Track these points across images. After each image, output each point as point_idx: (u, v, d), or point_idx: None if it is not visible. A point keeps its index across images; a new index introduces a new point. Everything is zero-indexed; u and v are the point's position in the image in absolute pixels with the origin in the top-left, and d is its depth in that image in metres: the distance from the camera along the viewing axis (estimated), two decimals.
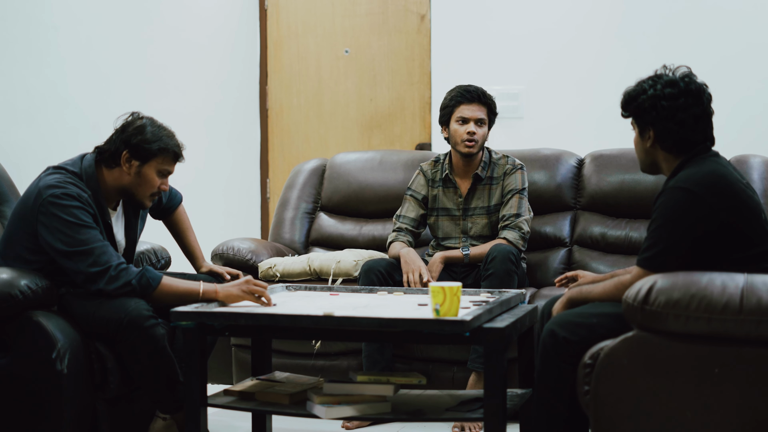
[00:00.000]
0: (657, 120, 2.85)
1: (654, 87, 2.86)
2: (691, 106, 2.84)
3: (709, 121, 2.89)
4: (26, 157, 3.42)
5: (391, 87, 5.86)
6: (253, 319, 2.94)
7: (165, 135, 3.33)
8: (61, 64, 4.32)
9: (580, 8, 5.36)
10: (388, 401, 2.96)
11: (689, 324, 2.28)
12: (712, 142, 2.93)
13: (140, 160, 3.30)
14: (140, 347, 3.18)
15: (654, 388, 2.35)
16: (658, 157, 2.92)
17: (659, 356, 2.34)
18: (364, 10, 5.89)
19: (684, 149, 2.87)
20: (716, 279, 2.32)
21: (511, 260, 3.83)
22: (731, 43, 5.14)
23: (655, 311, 2.33)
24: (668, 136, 2.85)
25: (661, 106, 2.84)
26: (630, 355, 2.39)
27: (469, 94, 4.13)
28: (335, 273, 4.29)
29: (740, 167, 4.35)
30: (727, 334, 2.25)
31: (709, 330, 2.26)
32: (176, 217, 3.75)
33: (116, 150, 3.31)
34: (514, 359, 3.52)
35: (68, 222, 3.18)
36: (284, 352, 4.26)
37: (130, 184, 3.33)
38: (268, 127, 6.08)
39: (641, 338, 2.38)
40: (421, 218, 4.25)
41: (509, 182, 4.15)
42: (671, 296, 2.32)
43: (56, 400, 3.12)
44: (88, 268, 3.17)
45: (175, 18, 5.42)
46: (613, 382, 2.42)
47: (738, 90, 5.09)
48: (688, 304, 2.29)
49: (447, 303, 2.78)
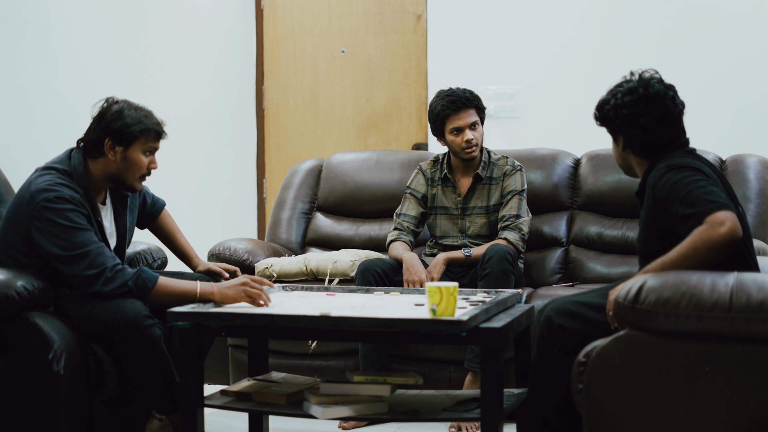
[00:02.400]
0: (621, 127, 2.95)
1: (615, 96, 2.96)
2: (652, 110, 2.90)
3: (674, 122, 2.93)
4: (21, 158, 3.41)
5: (387, 87, 5.86)
6: (249, 319, 2.94)
7: (143, 116, 3.31)
8: (56, 64, 4.32)
9: (578, 8, 5.37)
10: (384, 401, 2.96)
11: (679, 322, 2.30)
12: (683, 140, 2.97)
13: (124, 145, 3.28)
14: (137, 348, 3.18)
15: (645, 386, 2.36)
16: (632, 161, 3.01)
17: (650, 354, 2.36)
18: (361, 10, 5.89)
19: (653, 152, 2.94)
20: (706, 278, 2.34)
21: (508, 260, 3.83)
22: (730, 44, 5.14)
23: (645, 310, 2.34)
24: (635, 142, 2.94)
25: (623, 115, 2.93)
26: (621, 354, 2.40)
27: (454, 105, 4.06)
28: (332, 273, 4.29)
29: (736, 167, 4.37)
30: (717, 332, 2.27)
31: (699, 328, 2.28)
32: (161, 222, 3.72)
33: (98, 139, 3.28)
34: (511, 359, 3.52)
35: (63, 226, 3.17)
36: (281, 352, 4.26)
37: (118, 170, 3.31)
38: (265, 127, 6.08)
39: (632, 337, 2.40)
40: (421, 216, 4.25)
41: (509, 183, 4.15)
42: (661, 295, 2.33)
43: (53, 401, 3.11)
44: (83, 271, 3.16)
45: (170, 18, 5.41)
46: (605, 380, 2.44)
47: (737, 90, 5.10)
48: (678, 303, 2.30)
49: (444, 303, 2.78)
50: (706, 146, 4.56)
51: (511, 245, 4.01)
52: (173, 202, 5.27)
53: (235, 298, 3.13)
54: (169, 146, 5.36)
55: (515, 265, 3.89)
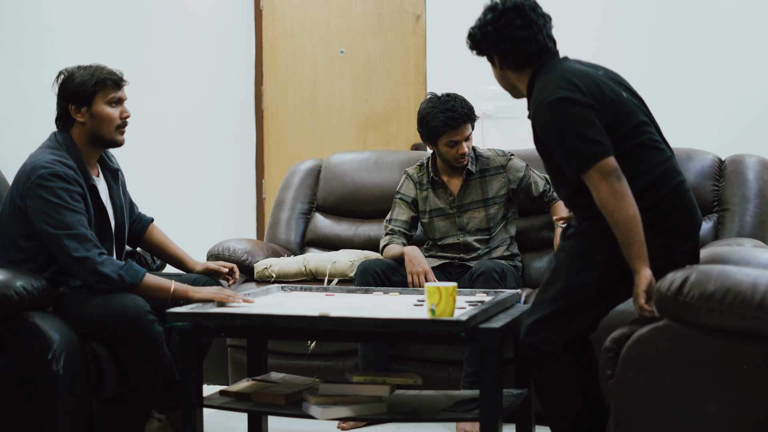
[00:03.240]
0: (492, 45, 3.00)
1: (479, 19, 3.03)
2: (514, 20, 2.96)
3: (540, 30, 2.98)
4: (20, 159, 3.42)
5: (386, 87, 5.87)
6: (248, 319, 2.94)
7: (95, 71, 3.38)
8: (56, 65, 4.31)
9: (576, 8, 5.37)
10: (383, 402, 2.96)
11: (722, 318, 2.26)
12: (554, 50, 3.02)
13: (86, 104, 3.35)
14: (138, 344, 3.19)
15: (680, 379, 2.33)
16: (512, 79, 3.05)
17: (688, 348, 2.32)
18: (360, 11, 5.89)
19: (527, 62, 2.99)
20: (751, 274, 2.29)
21: (494, 278, 3.83)
22: (728, 42, 5.14)
23: (688, 303, 2.31)
24: (507, 56, 2.99)
25: (489, 32, 2.99)
26: (658, 345, 2.37)
27: (455, 122, 4.02)
28: (331, 273, 4.29)
29: (735, 167, 4.36)
30: (758, 332, 2.23)
31: (741, 326, 2.24)
32: (150, 235, 3.72)
33: (63, 110, 3.36)
34: (511, 359, 3.52)
35: (53, 203, 3.20)
36: (280, 352, 4.26)
37: (93, 129, 3.36)
38: (264, 128, 6.08)
39: (671, 329, 2.36)
40: (412, 221, 4.25)
41: (514, 172, 4.20)
42: (705, 289, 2.30)
43: (52, 401, 3.11)
44: (72, 252, 3.19)
45: (169, 19, 5.41)
46: (638, 369, 2.40)
47: (735, 90, 5.10)
48: (723, 299, 2.26)
49: (443, 303, 2.78)
50: (704, 145, 4.58)
51: None
52: (172, 203, 5.29)
53: (207, 297, 3.20)
54: (169, 147, 5.38)
55: (503, 283, 3.87)
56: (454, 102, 4.06)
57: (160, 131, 5.23)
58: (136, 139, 4.18)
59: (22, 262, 3.28)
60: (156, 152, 5.18)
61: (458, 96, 4.11)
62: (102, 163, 3.50)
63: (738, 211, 4.27)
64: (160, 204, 4.92)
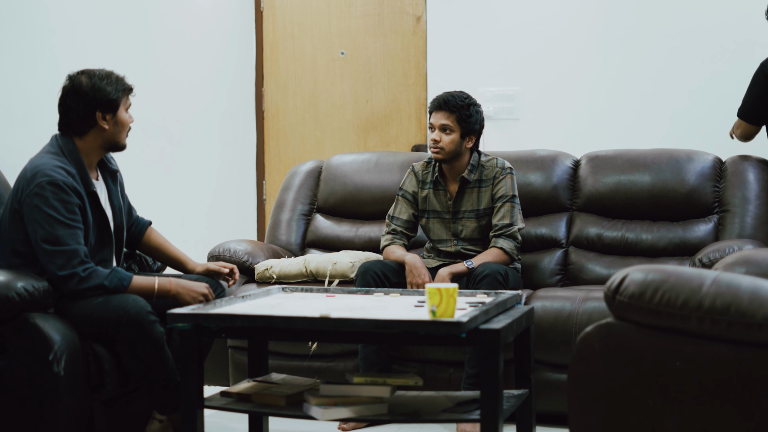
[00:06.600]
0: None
1: None
2: None
3: None
4: (21, 160, 3.43)
5: (386, 89, 5.87)
6: (249, 320, 2.94)
7: (115, 79, 3.44)
8: (57, 66, 4.31)
9: (575, 9, 5.37)
10: (384, 402, 2.97)
11: (651, 317, 2.34)
12: None
13: (112, 111, 3.40)
14: (139, 345, 3.19)
15: (621, 374, 2.41)
16: None
17: (628, 344, 2.40)
18: (360, 12, 5.89)
19: None
20: (685, 274, 2.37)
21: (499, 281, 3.83)
22: (728, 42, 5.15)
23: (623, 301, 2.39)
24: None
25: None
26: (601, 341, 2.45)
27: (434, 103, 4.14)
28: (331, 274, 4.29)
29: (736, 168, 4.37)
30: (686, 331, 2.30)
31: (670, 325, 2.32)
32: (149, 238, 3.73)
33: (86, 115, 3.38)
34: (511, 360, 3.52)
35: (48, 215, 3.22)
36: (281, 353, 4.26)
37: (113, 135, 3.42)
38: (264, 129, 6.08)
39: (613, 326, 2.45)
40: (414, 219, 4.25)
41: (499, 188, 4.14)
42: (638, 288, 2.37)
43: (53, 402, 3.12)
44: (57, 270, 3.21)
45: (170, 21, 5.42)
46: (586, 365, 2.48)
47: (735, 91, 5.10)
48: (651, 298, 2.34)
49: (443, 304, 2.79)
50: (704, 146, 4.58)
51: (507, 254, 4.03)
52: (172, 204, 5.29)
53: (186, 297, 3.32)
54: (169, 148, 5.38)
55: (506, 285, 3.87)
56: (449, 91, 4.16)
57: (160, 133, 5.24)
58: (137, 141, 4.18)
59: (20, 267, 3.28)
60: (156, 154, 5.18)
61: (463, 92, 4.16)
62: (101, 165, 3.50)
63: (738, 212, 4.28)
64: (160, 205, 4.92)
